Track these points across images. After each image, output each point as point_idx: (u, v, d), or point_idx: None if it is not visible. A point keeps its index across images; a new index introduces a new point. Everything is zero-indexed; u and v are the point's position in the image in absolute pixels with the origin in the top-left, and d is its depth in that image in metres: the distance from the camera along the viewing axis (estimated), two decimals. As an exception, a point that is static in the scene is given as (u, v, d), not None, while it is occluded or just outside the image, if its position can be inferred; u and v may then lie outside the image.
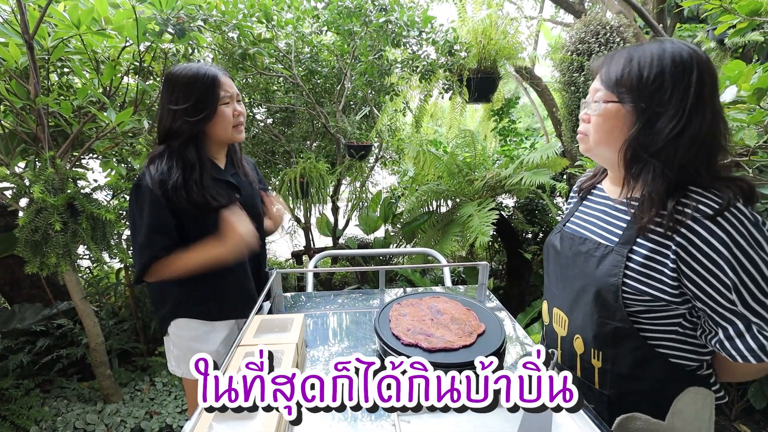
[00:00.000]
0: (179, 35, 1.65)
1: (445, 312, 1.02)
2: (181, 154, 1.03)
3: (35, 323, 2.27)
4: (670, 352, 0.71)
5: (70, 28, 1.53)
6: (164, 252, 1.02)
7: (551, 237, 0.92)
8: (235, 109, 1.06)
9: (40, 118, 1.51)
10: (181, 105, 0.99)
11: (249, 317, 0.98)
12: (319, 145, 3.23)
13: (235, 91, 1.07)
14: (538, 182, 2.05)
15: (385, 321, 0.99)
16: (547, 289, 0.95)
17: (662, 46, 0.66)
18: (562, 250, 0.86)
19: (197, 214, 1.03)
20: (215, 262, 1.04)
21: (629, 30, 2.21)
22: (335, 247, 3.37)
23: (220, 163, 1.13)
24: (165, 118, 1.02)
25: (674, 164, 0.64)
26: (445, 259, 1.50)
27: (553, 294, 0.90)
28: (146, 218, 0.99)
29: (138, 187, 1.01)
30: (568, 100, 2.44)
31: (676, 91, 0.64)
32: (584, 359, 0.80)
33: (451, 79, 2.25)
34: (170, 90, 1.01)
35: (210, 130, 1.05)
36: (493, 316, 1.03)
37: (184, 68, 1.01)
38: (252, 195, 1.19)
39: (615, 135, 0.70)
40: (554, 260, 0.90)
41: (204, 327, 1.15)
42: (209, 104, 1.01)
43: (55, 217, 1.34)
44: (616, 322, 0.71)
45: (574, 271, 0.80)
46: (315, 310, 1.19)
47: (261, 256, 1.25)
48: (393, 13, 1.75)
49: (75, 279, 1.79)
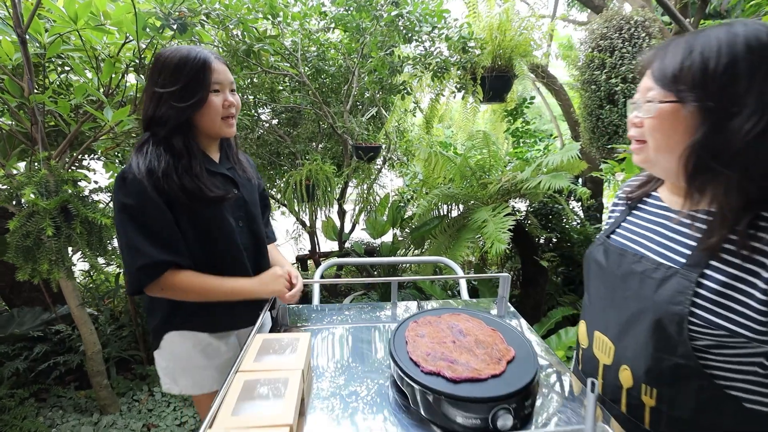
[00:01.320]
0: (181, 31, 1.57)
1: (468, 333, 0.91)
2: (168, 143, 0.92)
3: (34, 328, 2.20)
4: (746, 395, 0.59)
5: (67, 24, 1.45)
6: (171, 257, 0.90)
7: (593, 250, 0.81)
8: (226, 99, 0.95)
9: (34, 117, 1.43)
10: (168, 88, 0.89)
11: (251, 330, 0.89)
12: (326, 146, 3.15)
13: (229, 79, 0.96)
14: (557, 186, 1.94)
15: (401, 343, 0.88)
16: (587, 308, 0.84)
17: (732, 30, 0.55)
18: (608, 267, 0.75)
19: (190, 205, 0.92)
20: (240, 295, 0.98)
21: (655, 25, 2.09)
22: (341, 251, 3.28)
23: (213, 157, 1.02)
24: (150, 103, 0.92)
25: (755, 173, 0.53)
26: (461, 269, 1.39)
27: (596, 315, 0.79)
28: (139, 217, 0.89)
29: (124, 180, 0.89)
30: (587, 100, 2.33)
31: (754, 83, 0.53)
32: (632, 394, 0.69)
33: (465, 78, 2.15)
34: (157, 71, 0.91)
35: (197, 120, 0.94)
36: (522, 338, 0.92)
37: (174, 50, 0.92)
38: (251, 193, 1.09)
39: (674, 140, 0.59)
40: (597, 277, 0.79)
41: (202, 340, 1.06)
42: (198, 90, 0.90)
43: (47, 221, 1.26)
44: (677, 358, 0.60)
45: (626, 293, 0.69)
46: (321, 324, 1.09)
47: (263, 262, 1.14)
48: (405, 7, 1.65)
49: (71, 285, 1.71)
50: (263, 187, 1.21)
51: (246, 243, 1.05)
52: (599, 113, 2.28)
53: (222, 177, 1.01)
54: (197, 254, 0.96)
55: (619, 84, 2.16)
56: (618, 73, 2.14)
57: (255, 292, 1.00)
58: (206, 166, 0.97)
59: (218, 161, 1.03)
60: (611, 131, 2.30)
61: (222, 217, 0.98)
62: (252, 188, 1.10)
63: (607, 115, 2.25)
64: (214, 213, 0.96)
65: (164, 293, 0.95)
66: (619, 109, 2.21)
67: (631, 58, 2.09)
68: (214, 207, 0.96)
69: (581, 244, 2.89)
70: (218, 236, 0.98)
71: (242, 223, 1.04)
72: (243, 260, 1.04)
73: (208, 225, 0.96)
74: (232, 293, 0.99)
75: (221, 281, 0.98)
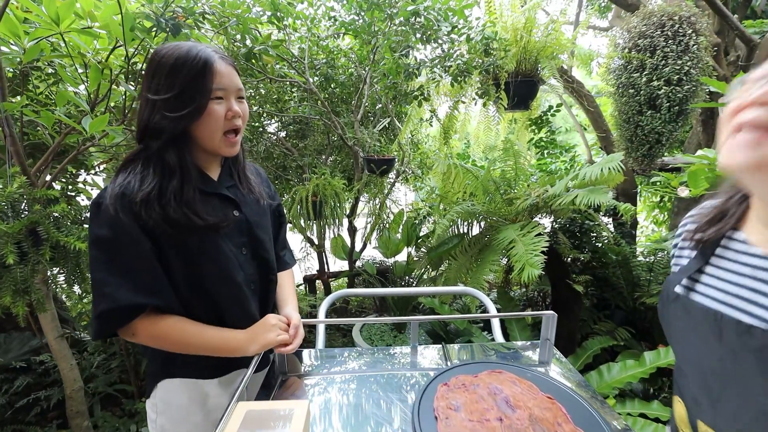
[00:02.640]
0: (174, 32, 1.41)
1: (519, 405, 0.68)
2: (160, 158, 0.75)
3: (20, 356, 2.03)
4: None
5: (51, 27, 1.31)
6: (145, 300, 0.73)
7: (669, 308, 0.59)
8: (230, 108, 0.77)
9: (5, 128, 1.28)
10: (161, 95, 0.72)
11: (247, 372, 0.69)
12: (335, 159, 2.97)
13: (236, 85, 0.78)
14: (596, 202, 1.69)
15: (429, 418, 0.65)
16: (680, 377, 0.60)
17: None
18: (701, 335, 0.52)
19: (177, 235, 0.75)
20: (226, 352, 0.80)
21: (702, 20, 1.86)
22: (351, 271, 3.06)
23: (212, 174, 0.85)
24: (143, 110, 0.75)
25: None
26: (492, 305, 1.15)
27: (696, 398, 0.55)
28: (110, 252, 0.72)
29: (98, 206, 0.73)
30: (624, 105, 2.09)
31: None
32: None
33: (487, 83, 1.95)
34: (151, 74, 0.74)
35: (195, 132, 0.77)
36: (592, 412, 0.68)
37: (173, 47, 0.74)
38: (258, 214, 0.90)
39: None
40: (686, 339, 0.56)
41: (200, 387, 0.86)
42: (195, 97, 0.73)
43: (9, 247, 1.08)
44: None
45: (744, 377, 0.47)
46: (325, 375, 0.87)
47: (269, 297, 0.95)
48: (423, 2, 1.47)
49: (50, 315, 1.53)
50: (279, 202, 1.02)
51: (252, 274, 0.88)
52: (638, 120, 2.04)
53: (220, 198, 0.83)
54: (187, 294, 0.78)
55: (663, 87, 1.92)
56: (661, 75, 1.91)
57: (241, 349, 0.80)
58: (201, 187, 0.79)
59: (217, 179, 0.85)
60: (653, 140, 2.05)
61: (216, 248, 0.80)
62: (260, 209, 0.91)
63: (648, 122, 2.01)
64: (207, 243, 0.78)
65: (140, 341, 0.77)
66: (662, 114, 1.97)
67: (676, 57, 1.86)
68: (206, 236, 0.78)
69: (617, 265, 2.60)
70: (211, 272, 0.80)
71: (246, 251, 0.86)
72: (244, 300, 0.85)
73: (198, 259, 0.77)
74: (217, 349, 0.79)
75: (203, 333, 0.79)
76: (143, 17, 1.35)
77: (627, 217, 1.80)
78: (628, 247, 2.58)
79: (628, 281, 2.60)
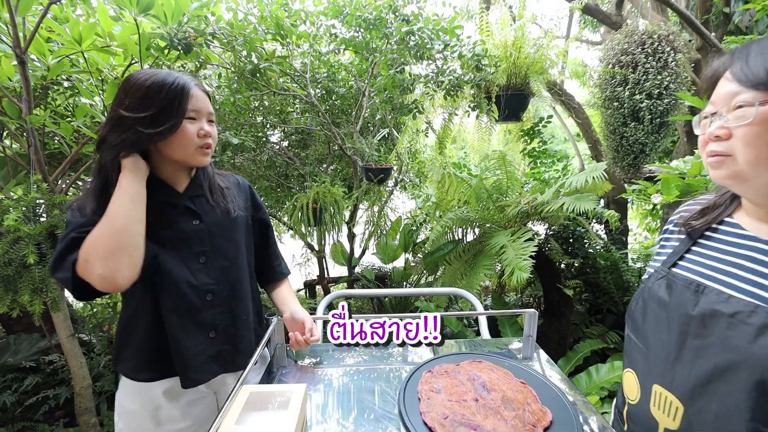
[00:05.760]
0: (185, 51, 1.53)
1: (494, 388, 0.76)
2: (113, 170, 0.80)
3: (29, 357, 2.10)
4: None
5: (73, 46, 1.43)
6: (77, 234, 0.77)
7: (652, 285, 0.67)
8: (202, 128, 0.85)
9: (31, 139, 1.38)
10: (138, 113, 0.79)
11: (235, 380, 0.76)
12: (336, 168, 3.08)
13: (208, 109, 0.86)
14: (582, 209, 1.78)
15: (413, 399, 0.73)
16: (638, 354, 0.68)
17: None
18: (676, 305, 0.60)
19: None
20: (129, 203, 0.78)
21: (679, 39, 1.98)
22: (350, 277, 3.14)
23: (178, 185, 0.91)
24: (108, 124, 0.81)
25: None
26: (480, 304, 1.24)
27: (655, 365, 0.63)
28: None
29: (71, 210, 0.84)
30: (609, 118, 2.19)
31: None
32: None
33: (479, 96, 2.05)
34: (125, 93, 0.81)
35: (164, 147, 0.84)
36: (558, 393, 0.76)
37: (151, 73, 0.82)
38: (224, 224, 0.94)
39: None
40: (658, 317, 0.64)
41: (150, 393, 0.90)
42: (171, 116, 0.80)
43: (30, 248, 1.17)
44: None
45: (706, 338, 0.55)
46: (322, 368, 0.95)
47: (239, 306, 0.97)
48: (416, 23, 1.58)
49: (62, 314, 1.61)
50: (263, 213, 1.07)
51: (208, 283, 0.91)
52: (623, 131, 2.14)
53: (179, 208, 0.89)
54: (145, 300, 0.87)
55: (644, 100, 2.03)
56: (642, 89, 2.02)
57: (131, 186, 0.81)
58: (162, 199, 0.87)
59: (183, 190, 0.91)
60: (637, 150, 2.15)
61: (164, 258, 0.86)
62: (228, 219, 0.95)
63: (632, 133, 2.11)
64: (155, 253, 0.84)
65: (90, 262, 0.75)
66: (645, 126, 2.07)
67: (656, 73, 1.97)
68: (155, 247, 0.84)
69: (607, 270, 2.68)
70: (159, 281, 0.86)
71: (204, 260, 0.91)
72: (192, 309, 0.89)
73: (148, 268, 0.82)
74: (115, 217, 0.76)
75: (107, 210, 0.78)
76: (158, 37, 1.46)
77: (613, 223, 1.89)
78: (618, 252, 2.66)
79: (618, 286, 2.67)
